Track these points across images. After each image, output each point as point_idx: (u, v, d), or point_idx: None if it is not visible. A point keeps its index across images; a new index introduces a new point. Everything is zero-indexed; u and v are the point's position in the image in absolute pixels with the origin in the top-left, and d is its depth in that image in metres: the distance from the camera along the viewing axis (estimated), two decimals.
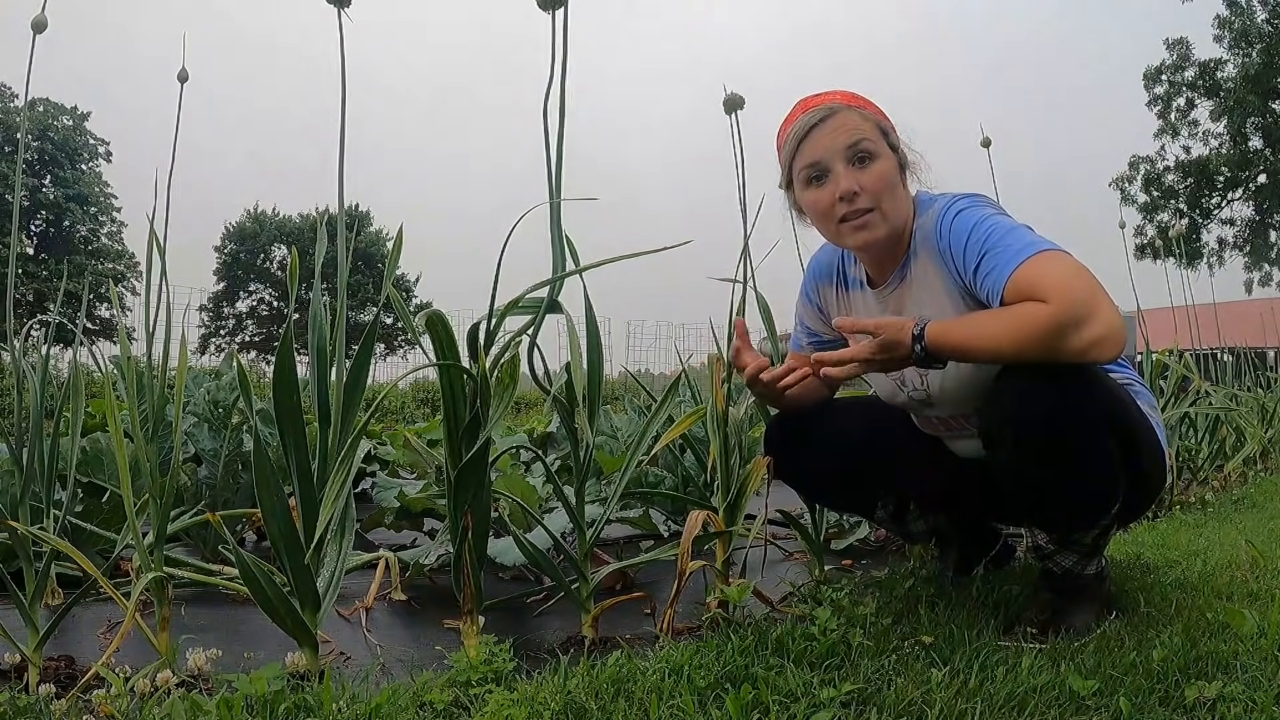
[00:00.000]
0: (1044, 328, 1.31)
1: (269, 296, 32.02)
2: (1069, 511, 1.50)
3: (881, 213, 1.53)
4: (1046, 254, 1.37)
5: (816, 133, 1.54)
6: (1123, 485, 1.47)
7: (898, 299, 1.62)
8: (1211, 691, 1.15)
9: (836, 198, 1.53)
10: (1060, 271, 1.34)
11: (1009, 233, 1.43)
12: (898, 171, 1.56)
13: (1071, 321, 1.30)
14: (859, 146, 1.52)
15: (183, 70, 1.64)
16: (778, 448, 1.79)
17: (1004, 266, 1.38)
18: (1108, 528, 1.54)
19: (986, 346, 1.38)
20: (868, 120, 1.55)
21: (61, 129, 28.66)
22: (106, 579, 1.38)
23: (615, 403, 6.64)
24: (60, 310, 1.98)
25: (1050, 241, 1.42)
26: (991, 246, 1.42)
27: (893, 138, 1.57)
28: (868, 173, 1.52)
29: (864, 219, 1.53)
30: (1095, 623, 1.51)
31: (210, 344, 30.66)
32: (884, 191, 1.52)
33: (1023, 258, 1.37)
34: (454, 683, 1.27)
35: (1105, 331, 1.31)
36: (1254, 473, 4.27)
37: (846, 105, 1.56)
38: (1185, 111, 25.66)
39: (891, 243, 1.58)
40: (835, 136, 1.53)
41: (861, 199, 1.52)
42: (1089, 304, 1.31)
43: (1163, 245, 15.59)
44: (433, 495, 2.22)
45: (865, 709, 1.16)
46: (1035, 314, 1.32)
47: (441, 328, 1.42)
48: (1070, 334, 1.30)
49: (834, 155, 1.53)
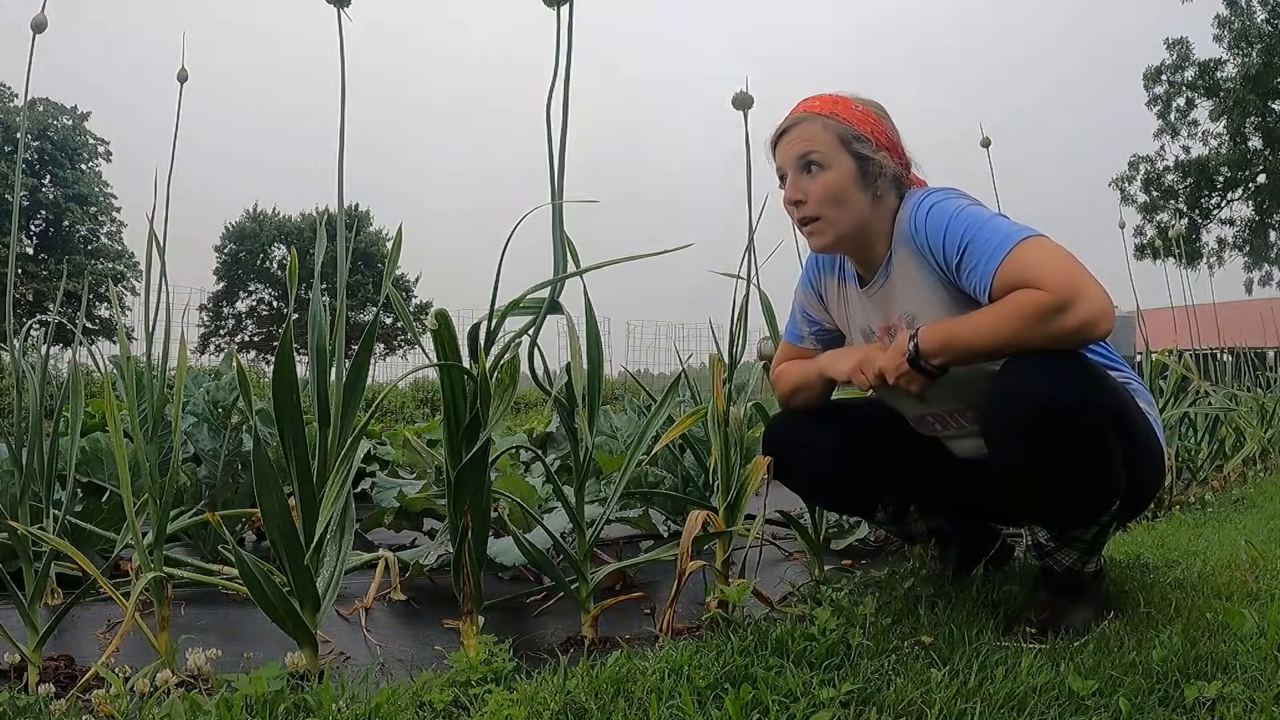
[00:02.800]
0: (1039, 312, 1.37)
1: (269, 296, 32.01)
2: (1071, 508, 1.51)
3: (826, 220, 1.60)
4: (1029, 241, 1.43)
5: (782, 141, 1.65)
6: (1124, 481, 1.50)
7: (884, 296, 1.66)
8: (1211, 691, 1.15)
9: (787, 203, 1.64)
10: (1046, 257, 1.41)
11: (986, 224, 1.48)
12: (853, 179, 1.59)
13: (1065, 303, 1.36)
14: (807, 157, 1.60)
15: (182, 70, 1.64)
16: (778, 449, 1.80)
17: (989, 259, 1.44)
18: (1108, 524, 1.55)
19: (984, 341, 1.43)
20: (829, 129, 1.59)
21: (61, 129, 28.64)
22: (106, 579, 1.38)
23: (615, 403, 6.64)
24: (60, 310, 1.99)
25: (1027, 227, 1.47)
26: (971, 239, 1.47)
27: (859, 145, 1.59)
28: (814, 181, 1.60)
29: (810, 226, 1.63)
30: (1094, 622, 1.52)
31: (210, 344, 30.65)
32: (826, 200, 1.59)
33: (1006, 248, 1.43)
34: (454, 683, 1.27)
35: (1097, 308, 1.37)
36: (1253, 473, 4.27)
37: (814, 114, 1.62)
38: (1185, 111, 25.65)
39: (858, 246, 1.65)
40: (790, 148, 1.62)
41: (807, 207, 1.61)
42: (1078, 285, 1.37)
43: (1162, 245, 15.62)
44: (432, 495, 2.22)
45: (865, 709, 1.16)
46: (1030, 300, 1.38)
47: (445, 327, 1.43)
48: (1064, 315, 1.36)
49: (788, 164, 1.63)
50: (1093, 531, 1.53)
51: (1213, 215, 26.29)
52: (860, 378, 1.61)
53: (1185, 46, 25.07)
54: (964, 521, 1.99)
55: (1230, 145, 25.01)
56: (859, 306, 1.73)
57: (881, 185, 1.61)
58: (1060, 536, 1.54)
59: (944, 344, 1.47)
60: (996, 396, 1.47)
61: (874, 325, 1.71)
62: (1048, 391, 1.39)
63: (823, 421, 1.80)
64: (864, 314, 1.72)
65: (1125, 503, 1.55)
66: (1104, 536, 1.57)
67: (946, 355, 1.47)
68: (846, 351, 1.72)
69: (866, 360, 1.60)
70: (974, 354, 1.46)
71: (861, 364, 1.60)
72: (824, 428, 1.79)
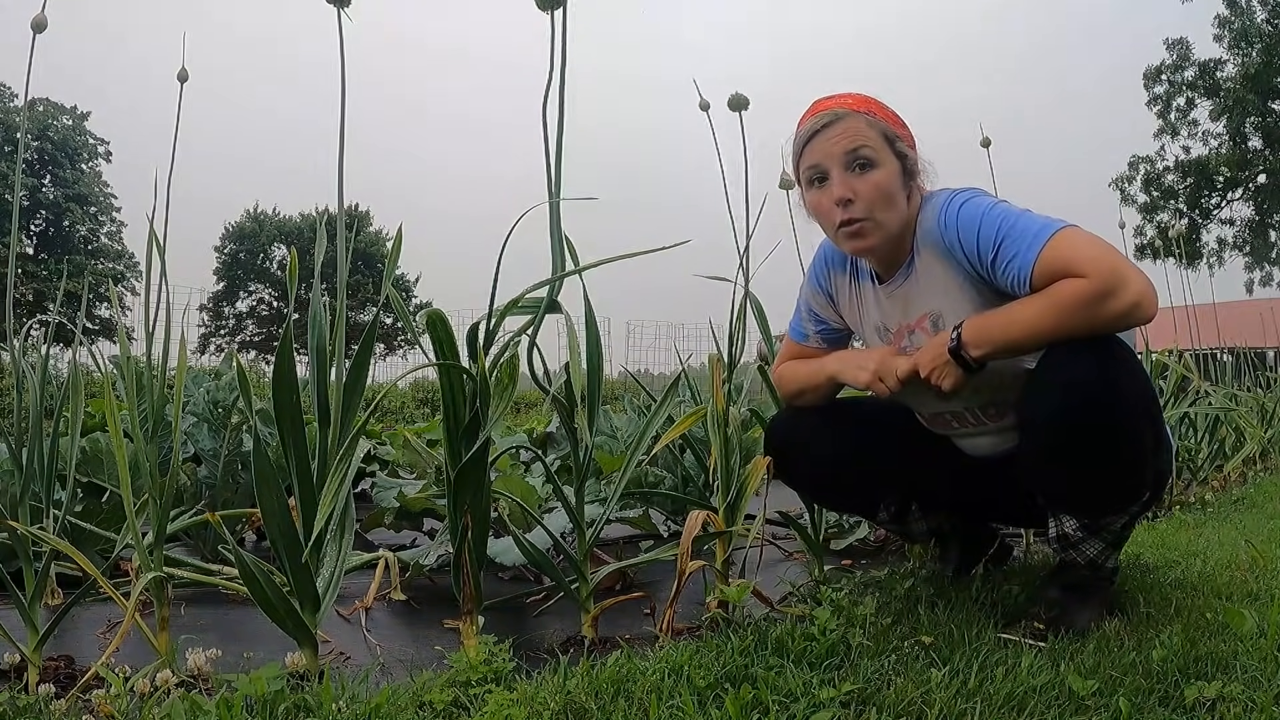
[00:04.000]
0: (1086, 299, 1.38)
1: (269, 296, 32.01)
2: (1108, 495, 1.53)
3: (875, 221, 1.55)
4: (1065, 231, 1.44)
5: (820, 137, 1.56)
6: (1153, 471, 1.55)
7: (904, 294, 1.64)
8: (1211, 691, 1.15)
9: (833, 202, 1.56)
10: (1085, 246, 1.42)
11: (1019, 219, 1.48)
12: (899, 179, 1.56)
13: (1110, 289, 1.38)
14: (858, 154, 1.54)
15: (182, 70, 1.64)
16: (780, 448, 1.79)
17: (1027, 251, 1.43)
18: (1136, 515, 1.59)
19: (1029, 331, 1.44)
20: (873, 127, 1.56)
21: (61, 129, 28.65)
22: (106, 579, 1.38)
23: (615, 403, 6.64)
24: (60, 310, 1.99)
25: (1059, 219, 1.47)
26: (1006, 233, 1.46)
27: (900, 145, 1.57)
28: (864, 180, 1.54)
29: (858, 227, 1.55)
30: (1096, 623, 1.52)
31: (210, 344, 30.66)
32: (878, 200, 1.54)
33: (1044, 239, 1.43)
34: (454, 683, 1.27)
35: (1142, 291, 1.39)
36: (1254, 473, 4.28)
37: (854, 110, 1.57)
38: (1185, 111, 25.62)
39: (890, 247, 1.60)
40: (837, 142, 1.55)
41: (856, 207, 1.54)
42: (1120, 271, 1.39)
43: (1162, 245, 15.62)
44: (432, 495, 2.22)
45: (865, 709, 1.16)
46: (1075, 289, 1.39)
47: (441, 327, 1.42)
48: (1110, 301, 1.38)
49: (833, 160, 1.55)
50: (1123, 521, 1.56)
51: (1213, 215, 26.27)
52: (880, 387, 1.59)
53: (1185, 46, 25.06)
54: (965, 521, 1.99)
55: (1230, 145, 24.99)
56: (875, 304, 1.71)
57: (913, 187, 1.60)
58: (1090, 525, 1.55)
59: (987, 336, 1.46)
60: (1038, 387, 1.48)
61: (890, 323, 1.69)
62: (1092, 380, 1.41)
63: (825, 421, 1.79)
64: (880, 312, 1.70)
65: None
66: (1128, 530, 1.61)
67: (989, 347, 1.47)
68: (860, 357, 1.70)
69: (884, 367, 1.58)
70: (1017, 346, 1.47)
71: (879, 372, 1.59)
72: (826, 427, 1.79)
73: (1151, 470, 1.54)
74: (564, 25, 1.44)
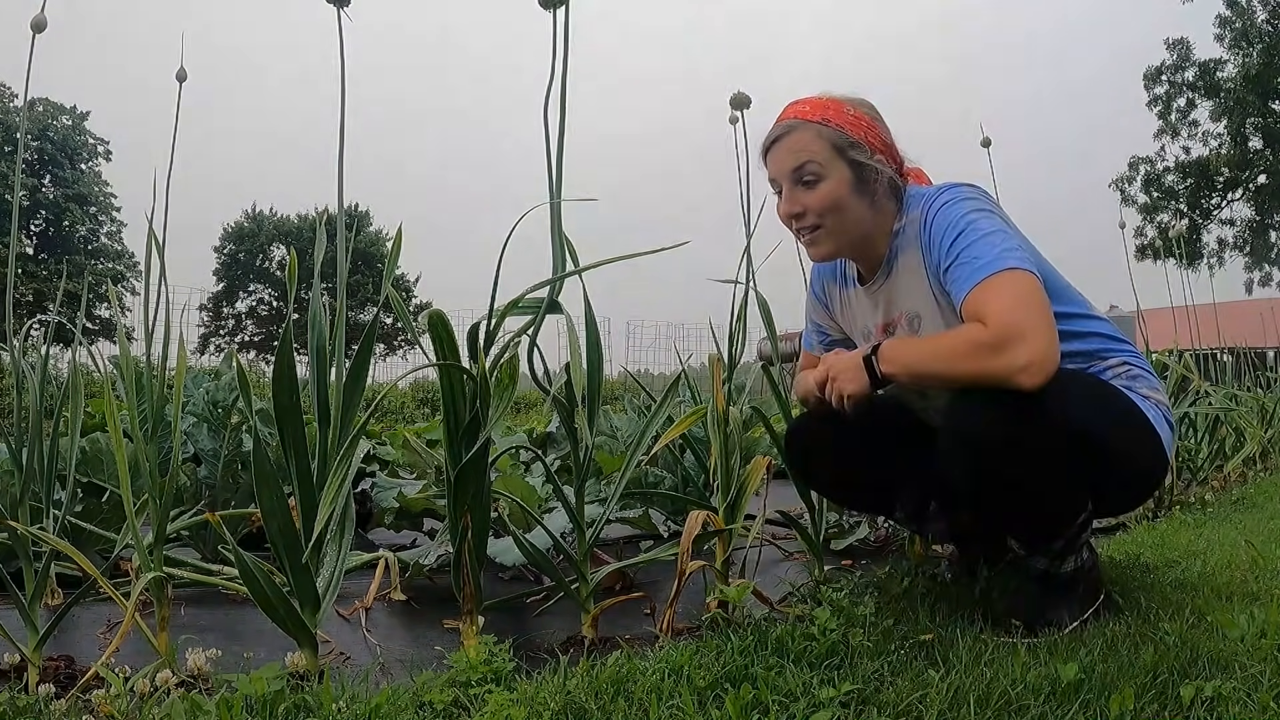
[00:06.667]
0: (974, 347, 1.35)
1: (268, 296, 32.01)
2: (1024, 529, 1.55)
3: (827, 229, 1.59)
4: (1002, 275, 1.39)
5: (773, 151, 1.62)
6: (1085, 498, 1.50)
7: (886, 293, 1.66)
8: (1209, 691, 1.15)
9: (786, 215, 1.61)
10: (1005, 295, 1.37)
11: (979, 243, 1.45)
12: (850, 187, 1.56)
13: (1001, 343, 1.33)
14: (803, 170, 1.57)
15: (181, 70, 1.64)
16: (799, 448, 1.80)
17: (965, 282, 1.42)
18: (1075, 535, 1.54)
19: (927, 366, 1.44)
20: (823, 137, 1.56)
21: (61, 129, 28.64)
22: (106, 579, 1.38)
23: (615, 403, 6.64)
24: (60, 310, 1.99)
25: (1021, 253, 1.43)
26: (960, 253, 1.45)
27: (854, 152, 1.56)
28: (813, 194, 1.57)
29: (811, 235, 1.61)
30: (1079, 616, 1.51)
31: (210, 344, 30.65)
32: (828, 211, 1.57)
33: (980, 276, 1.40)
34: (454, 683, 1.27)
35: (1030, 359, 1.33)
36: (1253, 473, 4.27)
37: (807, 121, 1.58)
38: (1185, 112, 25.62)
39: (861, 250, 1.64)
40: (785, 158, 1.59)
41: (807, 218, 1.59)
42: (1021, 329, 1.34)
43: (1163, 246, 15.62)
44: (432, 495, 2.22)
45: (865, 709, 1.16)
46: (970, 335, 1.37)
47: (442, 327, 1.42)
48: (998, 356, 1.33)
49: (783, 176, 1.60)
50: (1058, 544, 1.53)
51: (1213, 215, 26.27)
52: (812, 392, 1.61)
53: (1185, 46, 25.06)
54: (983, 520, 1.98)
55: (1230, 145, 24.98)
56: (859, 306, 1.73)
57: (879, 190, 1.59)
58: (1025, 546, 1.57)
59: (899, 357, 1.47)
60: (941, 427, 1.49)
61: (872, 324, 1.70)
62: (976, 428, 1.39)
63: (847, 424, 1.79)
64: (864, 313, 1.72)
65: (1123, 497, 1.57)
66: (1074, 544, 1.55)
67: (897, 368, 1.46)
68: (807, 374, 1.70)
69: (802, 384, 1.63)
70: (920, 376, 1.46)
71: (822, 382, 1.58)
72: (844, 427, 1.78)
73: (1082, 498, 1.50)
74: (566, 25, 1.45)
